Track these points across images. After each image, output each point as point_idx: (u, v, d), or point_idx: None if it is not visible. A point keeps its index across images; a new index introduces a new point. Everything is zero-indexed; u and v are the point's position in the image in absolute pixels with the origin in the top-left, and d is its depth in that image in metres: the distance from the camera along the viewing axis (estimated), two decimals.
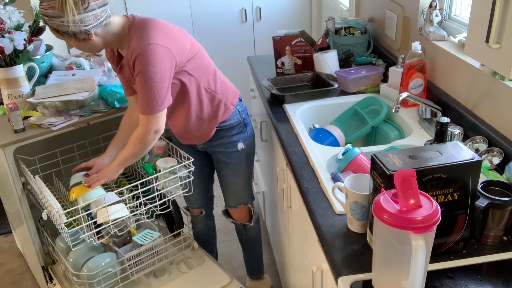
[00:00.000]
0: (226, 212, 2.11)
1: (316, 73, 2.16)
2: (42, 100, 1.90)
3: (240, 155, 1.90)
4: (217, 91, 1.78)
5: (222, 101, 1.79)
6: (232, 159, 1.90)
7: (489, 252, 1.10)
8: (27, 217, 1.91)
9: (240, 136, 1.88)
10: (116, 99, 1.99)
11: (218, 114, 1.80)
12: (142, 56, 1.51)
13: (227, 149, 1.88)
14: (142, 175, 1.93)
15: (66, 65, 2.17)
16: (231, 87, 1.87)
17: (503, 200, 1.08)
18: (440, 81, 1.82)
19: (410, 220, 0.86)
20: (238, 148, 1.88)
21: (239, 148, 1.88)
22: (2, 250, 2.76)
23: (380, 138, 1.85)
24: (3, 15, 1.87)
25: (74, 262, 1.79)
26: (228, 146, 1.88)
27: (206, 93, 1.75)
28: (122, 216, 1.65)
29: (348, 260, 1.09)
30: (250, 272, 2.35)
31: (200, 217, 2.18)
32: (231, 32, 3.78)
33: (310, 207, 1.31)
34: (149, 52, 1.51)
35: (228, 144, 1.87)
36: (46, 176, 2.00)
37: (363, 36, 2.34)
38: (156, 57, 1.51)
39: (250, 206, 2.07)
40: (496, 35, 1.12)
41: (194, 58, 1.68)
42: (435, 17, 1.84)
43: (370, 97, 1.94)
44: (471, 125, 1.55)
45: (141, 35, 1.54)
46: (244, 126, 1.88)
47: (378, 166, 1.02)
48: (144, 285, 1.88)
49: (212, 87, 1.76)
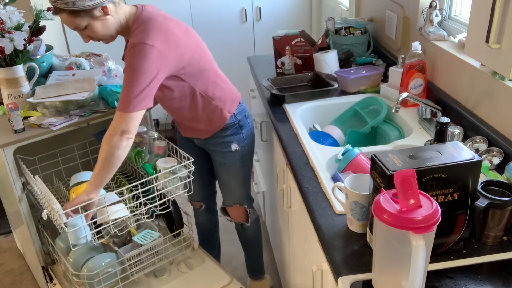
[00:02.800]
0: (224, 209, 2.12)
1: (316, 73, 2.16)
2: (42, 100, 1.90)
3: (235, 156, 1.90)
4: (215, 98, 1.77)
5: (218, 108, 1.79)
6: (226, 159, 1.91)
7: (489, 252, 1.10)
8: (27, 217, 1.91)
9: (234, 138, 1.87)
10: (116, 99, 1.99)
11: (213, 119, 1.81)
12: (133, 53, 1.51)
13: (221, 149, 1.89)
14: (142, 175, 1.93)
15: (66, 65, 2.17)
16: (232, 93, 1.85)
17: (503, 200, 1.08)
18: (440, 81, 1.82)
19: (410, 220, 0.86)
20: (232, 149, 1.88)
21: (233, 149, 1.88)
22: (2, 250, 2.76)
23: (380, 138, 1.85)
24: (3, 15, 1.87)
25: (74, 262, 1.79)
26: (222, 146, 1.88)
27: (202, 98, 1.75)
28: (122, 216, 1.65)
29: (348, 260, 1.09)
30: (250, 272, 2.35)
31: (200, 210, 2.22)
32: (231, 32, 3.77)
33: (310, 207, 1.31)
34: (141, 51, 1.51)
35: (222, 144, 1.88)
36: (46, 176, 2.00)
37: (363, 36, 2.34)
38: (147, 57, 1.51)
39: (246, 206, 2.07)
40: (496, 35, 1.12)
41: (193, 64, 1.67)
42: (435, 17, 1.84)
43: (370, 97, 1.94)
44: (471, 125, 1.55)
45: (140, 33, 1.54)
46: (239, 128, 1.88)
47: (378, 166, 1.02)
48: (144, 285, 1.88)
49: (209, 94, 1.76)
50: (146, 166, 1.87)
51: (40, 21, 1.97)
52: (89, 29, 1.56)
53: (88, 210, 1.59)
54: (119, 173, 2.12)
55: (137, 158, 1.93)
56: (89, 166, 2.15)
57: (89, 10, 1.50)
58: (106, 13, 1.54)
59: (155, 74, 1.54)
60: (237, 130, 1.88)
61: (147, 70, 1.51)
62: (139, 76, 1.51)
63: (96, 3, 1.50)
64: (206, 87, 1.74)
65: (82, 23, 1.53)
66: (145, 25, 1.56)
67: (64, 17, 1.53)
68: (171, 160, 1.82)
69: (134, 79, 1.51)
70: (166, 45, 1.55)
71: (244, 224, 2.12)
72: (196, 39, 1.70)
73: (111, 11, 1.55)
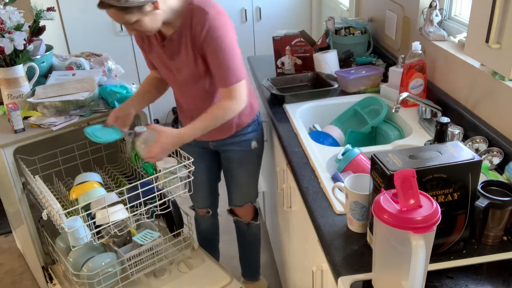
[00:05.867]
0: (231, 210, 2.11)
1: (316, 73, 2.16)
2: (42, 100, 1.90)
3: (253, 153, 1.90)
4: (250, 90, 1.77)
5: (250, 101, 1.79)
6: (245, 158, 1.90)
7: (489, 252, 1.10)
8: (27, 217, 1.91)
9: (254, 135, 1.88)
10: (116, 99, 1.99)
11: (244, 113, 1.78)
12: (215, 26, 1.53)
13: (241, 148, 1.87)
14: (142, 175, 1.92)
15: (66, 65, 2.17)
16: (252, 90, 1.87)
17: (503, 200, 1.08)
18: (440, 81, 1.82)
19: (410, 220, 0.86)
20: (252, 146, 1.88)
21: (252, 146, 1.88)
22: (2, 250, 2.76)
23: (380, 138, 1.85)
24: (3, 15, 1.87)
25: (74, 262, 1.79)
26: (242, 144, 1.87)
27: None
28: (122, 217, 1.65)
29: (348, 260, 1.09)
30: (246, 273, 2.33)
31: (206, 216, 2.18)
32: None
33: (310, 207, 1.31)
34: (220, 22, 1.54)
35: (243, 142, 1.87)
36: (46, 176, 2.00)
37: (363, 36, 2.34)
38: (228, 25, 1.55)
39: (256, 205, 2.07)
40: (496, 35, 1.12)
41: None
42: (435, 17, 1.84)
43: (370, 97, 1.94)
44: (471, 125, 1.55)
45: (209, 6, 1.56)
46: (257, 124, 1.89)
47: (378, 166, 1.02)
48: (144, 285, 1.88)
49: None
50: (146, 166, 1.87)
51: (40, 21, 1.97)
52: (138, 24, 1.52)
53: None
54: (119, 173, 2.12)
55: (137, 158, 1.93)
56: (89, 166, 2.15)
57: (141, 6, 1.47)
58: (156, 7, 1.51)
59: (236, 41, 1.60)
60: (256, 126, 1.88)
61: (233, 39, 1.57)
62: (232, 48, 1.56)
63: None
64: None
65: (132, 18, 1.50)
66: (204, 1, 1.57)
67: (112, 12, 1.49)
68: (171, 160, 1.82)
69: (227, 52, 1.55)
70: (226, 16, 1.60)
71: (251, 223, 2.11)
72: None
73: (161, 4, 1.52)
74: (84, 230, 1.62)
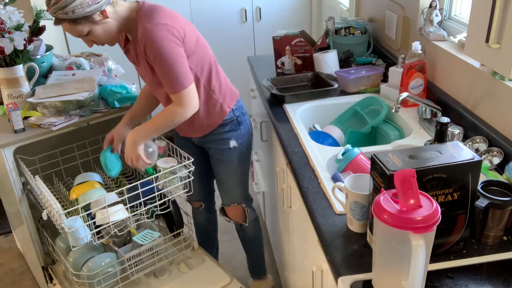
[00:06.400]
0: (222, 210, 2.12)
1: (316, 73, 2.16)
2: (42, 100, 1.90)
3: (233, 153, 1.90)
4: (215, 91, 1.78)
5: (219, 102, 1.80)
6: (224, 156, 1.90)
7: (489, 252, 1.10)
8: (27, 217, 1.91)
9: (232, 134, 1.88)
10: (116, 99, 1.99)
11: (213, 114, 1.81)
12: (152, 38, 1.54)
13: (219, 146, 1.89)
14: (142, 175, 1.92)
15: (66, 65, 2.17)
16: (231, 89, 1.87)
17: (503, 200, 1.08)
18: (440, 81, 1.82)
19: (410, 220, 0.86)
20: (230, 145, 1.88)
21: (231, 146, 1.88)
22: (2, 250, 2.76)
23: (380, 138, 1.85)
24: (3, 15, 1.87)
25: (74, 262, 1.79)
26: (220, 143, 1.88)
27: (204, 90, 1.76)
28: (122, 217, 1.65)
29: (348, 260, 1.09)
30: (251, 272, 2.35)
31: (200, 209, 2.21)
32: (231, 32, 3.77)
33: (310, 207, 1.31)
34: (158, 33, 1.54)
35: (220, 141, 1.88)
36: (46, 176, 2.00)
37: (363, 36, 2.34)
38: (165, 36, 1.55)
39: (244, 206, 2.06)
40: (496, 35, 1.12)
41: (199, 52, 1.69)
42: (435, 17, 1.84)
43: (370, 97, 1.94)
44: (471, 125, 1.55)
45: (149, 18, 1.57)
46: (237, 124, 1.88)
47: (378, 166, 1.02)
48: (144, 285, 1.88)
49: (211, 86, 1.77)
50: None
51: (40, 21, 1.97)
52: (92, 35, 1.58)
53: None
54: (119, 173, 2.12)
55: None
56: (89, 166, 2.15)
57: (89, 16, 1.52)
58: (106, 16, 1.55)
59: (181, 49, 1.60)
60: (235, 126, 1.88)
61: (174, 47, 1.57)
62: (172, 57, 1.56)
63: (94, 8, 1.52)
64: (209, 79, 1.76)
65: (84, 29, 1.55)
66: (151, 11, 1.59)
67: (65, 26, 1.55)
68: (171, 160, 1.82)
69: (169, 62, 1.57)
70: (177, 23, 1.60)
71: (242, 225, 2.12)
72: (197, 32, 1.73)
73: (110, 13, 1.57)
74: (84, 230, 1.62)
